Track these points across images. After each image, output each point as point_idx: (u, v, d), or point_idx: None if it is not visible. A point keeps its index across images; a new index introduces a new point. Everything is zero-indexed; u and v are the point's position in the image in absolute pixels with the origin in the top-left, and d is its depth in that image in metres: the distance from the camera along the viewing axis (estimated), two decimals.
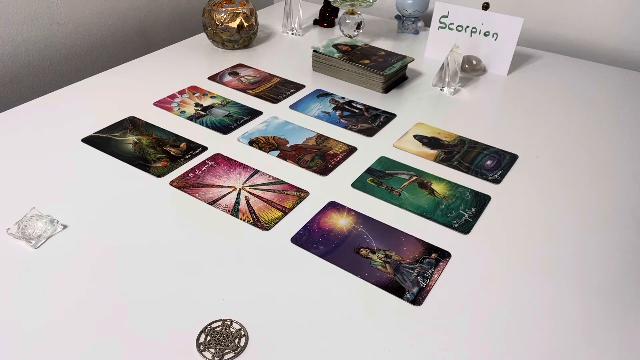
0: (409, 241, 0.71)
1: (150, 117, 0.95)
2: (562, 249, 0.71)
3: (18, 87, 1.11)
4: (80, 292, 0.61)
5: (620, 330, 0.60)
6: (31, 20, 1.09)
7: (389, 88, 1.11)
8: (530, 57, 1.28)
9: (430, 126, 0.98)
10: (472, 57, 1.17)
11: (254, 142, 0.90)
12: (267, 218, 0.73)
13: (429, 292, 0.63)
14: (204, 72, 1.13)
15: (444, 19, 1.20)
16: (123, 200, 0.75)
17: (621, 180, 0.86)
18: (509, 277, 0.66)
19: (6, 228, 0.68)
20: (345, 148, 0.90)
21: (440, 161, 0.88)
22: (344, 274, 0.65)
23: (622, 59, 1.31)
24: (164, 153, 0.86)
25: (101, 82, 1.06)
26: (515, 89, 1.14)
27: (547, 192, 0.82)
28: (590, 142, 0.96)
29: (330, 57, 1.12)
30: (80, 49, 1.21)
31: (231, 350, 0.55)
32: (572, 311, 0.62)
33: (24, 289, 0.61)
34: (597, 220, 0.77)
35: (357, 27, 1.28)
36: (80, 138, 0.88)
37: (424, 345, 0.57)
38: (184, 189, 0.78)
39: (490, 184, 0.83)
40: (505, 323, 0.60)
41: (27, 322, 0.57)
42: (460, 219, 0.75)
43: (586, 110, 1.06)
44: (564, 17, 1.33)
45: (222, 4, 1.21)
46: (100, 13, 1.23)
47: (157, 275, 0.64)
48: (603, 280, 0.67)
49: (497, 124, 1.00)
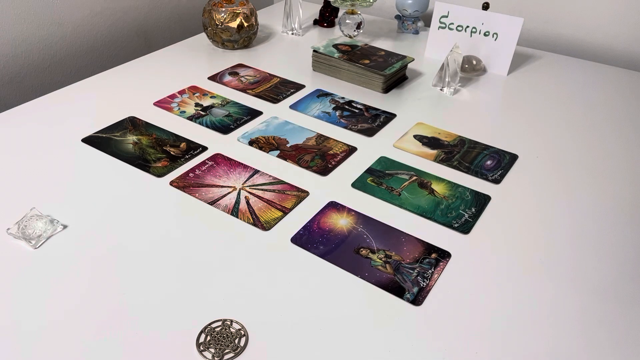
0: (409, 241, 0.71)
1: (150, 117, 0.95)
2: (561, 248, 0.71)
3: (18, 87, 1.11)
4: (80, 292, 0.61)
5: (620, 329, 0.60)
6: (31, 20, 1.09)
7: (389, 88, 1.11)
8: (530, 57, 1.28)
9: (430, 126, 0.98)
10: (472, 57, 1.17)
11: (254, 142, 0.90)
12: (267, 218, 0.73)
13: (429, 292, 0.63)
14: (204, 72, 1.13)
15: (444, 19, 1.20)
16: (123, 201, 0.75)
17: (621, 180, 0.86)
18: (509, 277, 0.66)
19: (6, 228, 0.68)
20: (345, 148, 0.90)
21: (440, 161, 0.88)
22: (344, 274, 0.65)
23: (622, 59, 1.31)
24: (164, 153, 0.86)
25: (101, 82, 1.06)
26: (515, 89, 1.14)
27: (547, 192, 0.82)
28: (590, 142, 0.96)
29: (330, 57, 1.12)
30: (80, 49, 1.21)
31: (231, 350, 0.55)
32: (571, 311, 0.62)
33: (24, 289, 0.61)
34: (596, 220, 0.77)
35: (357, 27, 1.28)
36: (80, 138, 0.88)
37: (424, 345, 0.57)
38: (184, 189, 0.78)
39: (490, 184, 0.83)
40: (505, 323, 0.60)
41: (27, 322, 0.57)
42: (460, 219, 0.75)
43: (586, 110, 1.06)
44: (563, 17, 1.33)
45: (222, 4, 1.21)
46: (100, 13, 1.23)
47: (157, 275, 0.64)
48: (602, 280, 0.67)
49: (497, 124, 1.00)
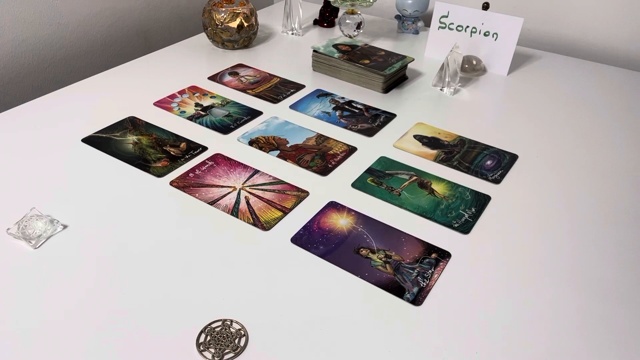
0: (409, 241, 0.71)
1: (150, 117, 0.95)
2: (561, 248, 0.71)
3: (18, 87, 1.11)
4: (80, 292, 0.61)
5: (620, 329, 0.60)
6: (31, 20, 1.09)
7: (389, 88, 1.11)
8: (530, 57, 1.28)
9: (430, 126, 0.98)
10: (472, 57, 1.17)
11: (254, 142, 0.90)
12: (267, 218, 0.73)
13: (429, 292, 0.63)
14: (204, 72, 1.13)
15: (444, 19, 1.20)
16: (123, 201, 0.75)
17: (621, 180, 0.86)
18: (509, 276, 0.66)
19: (6, 228, 0.68)
20: (345, 148, 0.90)
21: (440, 161, 0.88)
22: (344, 274, 0.65)
23: (622, 59, 1.31)
24: (164, 153, 0.86)
25: (101, 82, 1.06)
26: (515, 89, 1.14)
27: (547, 192, 0.82)
28: (590, 142, 0.96)
29: (330, 57, 1.12)
30: (80, 49, 1.21)
31: (231, 350, 0.55)
32: (571, 311, 0.62)
33: (24, 289, 0.61)
34: (596, 220, 0.77)
35: (357, 27, 1.28)
36: (80, 138, 0.88)
37: (424, 345, 0.57)
38: (184, 189, 0.78)
39: (490, 184, 0.83)
40: (505, 323, 0.60)
41: (27, 322, 0.57)
42: (460, 219, 0.75)
43: (586, 110, 1.06)
44: (563, 17, 1.33)
45: (222, 4, 1.21)
46: (100, 13, 1.23)
47: (157, 275, 0.64)
48: (602, 280, 0.67)
49: (497, 124, 1.00)
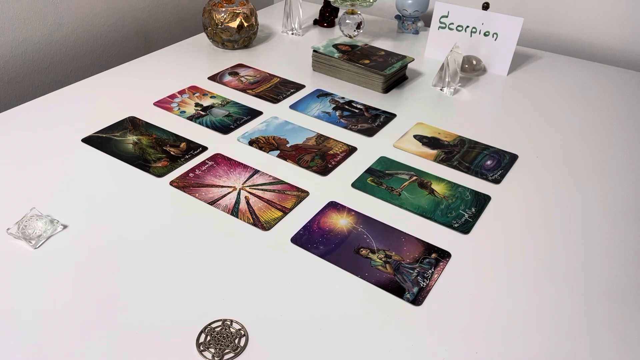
0: (409, 241, 0.71)
1: (150, 117, 0.95)
2: (561, 248, 0.71)
3: (18, 87, 1.11)
4: (80, 292, 0.61)
5: (620, 330, 0.60)
6: (31, 20, 1.09)
7: (389, 88, 1.11)
8: (530, 57, 1.28)
9: (430, 126, 0.98)
10: (472, 57, 1.17)
11: (254, 142, 0.90)
12: (267, 218, 0.73)
13: (429, 292, 0.63)
14: (204, 72, 1.13)
15: (444, 19, 1.20)
16: (123, 201, 0.75)
17: (620, 179, 0.86)
18: (509, 277, 0.66)
19: (6, 228, 0.68)
20: (345, 148, 0.90)
21: (440, 161, 0.88)
22: (344, 274, 0.65)
23: (622, 59, 1.31)
24: (164, 153, 0.86)
25: (101, 82, 1.06)
26: (515, 89, 1.14)
27: (547, 192, 0.82)
28: (590, 142, 0.96)
29: (330, 57, 1.12)
30: (80, 49, 1.21)
31: (231, 350, 0.55)
32: (571, 311, 0.62)
33: (23, 289, 0.61)
34: (596, 220, 0.77)
35: (357, 27, 1.28)
36: (80, 138, 0.88)
37: (424, 345, 0.57)
38: (184, 189, 0.78)
39: (490, 184, 0.83)
40: (505, 323, 0.60)
41: (27, 322, 0.57)
42: (460, 219, 0.75)
43: (586, 110, 1.06)
44: (563, 17, 1.33)
45: (222, 4, 1.21)
46: (100, 13, 1.23)
47: (157, 275, 0.64)
48: (602, 280, 0.67)
49: (497, 124, 1.00)
